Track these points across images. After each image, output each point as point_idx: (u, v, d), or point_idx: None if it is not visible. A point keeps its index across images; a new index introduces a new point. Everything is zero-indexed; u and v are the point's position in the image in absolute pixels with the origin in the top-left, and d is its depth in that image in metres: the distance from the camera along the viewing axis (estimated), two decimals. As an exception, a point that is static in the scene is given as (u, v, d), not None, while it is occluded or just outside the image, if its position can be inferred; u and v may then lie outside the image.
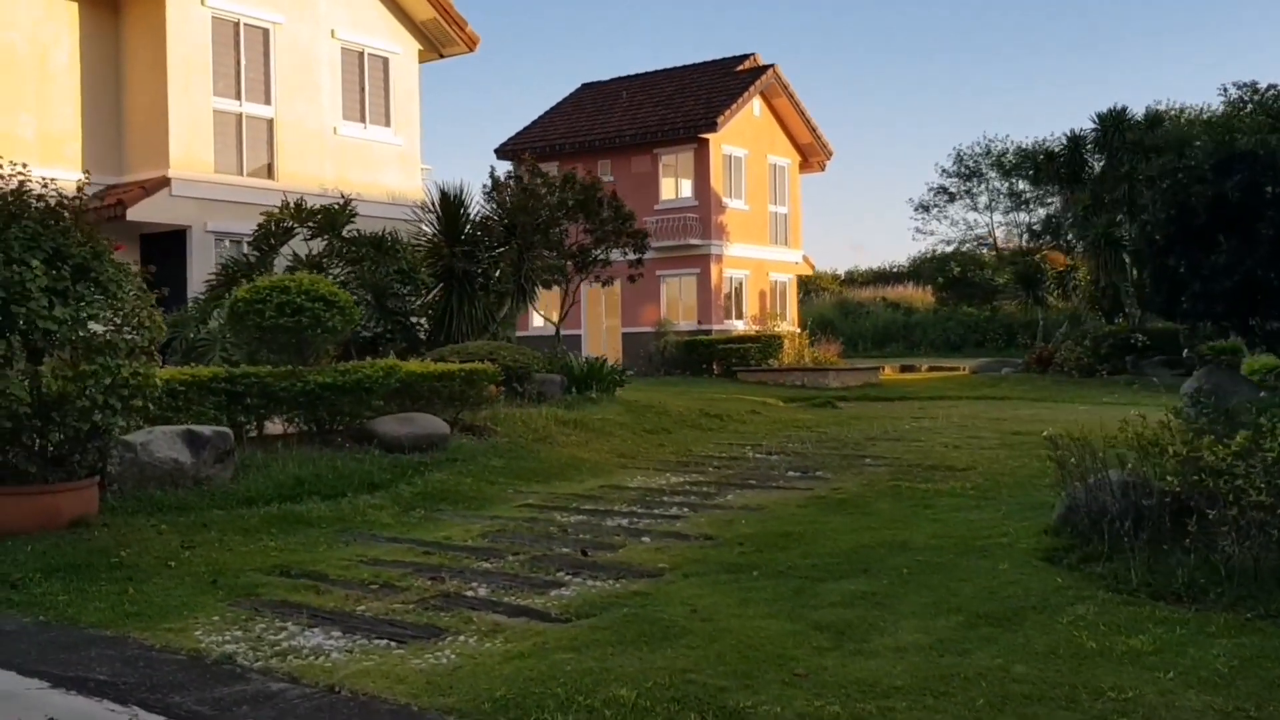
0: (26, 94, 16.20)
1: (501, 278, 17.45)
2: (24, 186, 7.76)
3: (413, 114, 20.28)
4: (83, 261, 7.55)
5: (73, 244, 7.56)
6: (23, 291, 7.15)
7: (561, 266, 18.73)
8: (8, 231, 7.37)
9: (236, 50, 17.56)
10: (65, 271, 7.41)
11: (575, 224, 19.20)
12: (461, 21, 20.17)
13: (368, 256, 16.10)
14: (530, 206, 17.48)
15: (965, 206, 60.26)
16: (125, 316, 7.67)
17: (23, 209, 7.59)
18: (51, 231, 7.50)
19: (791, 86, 34.04)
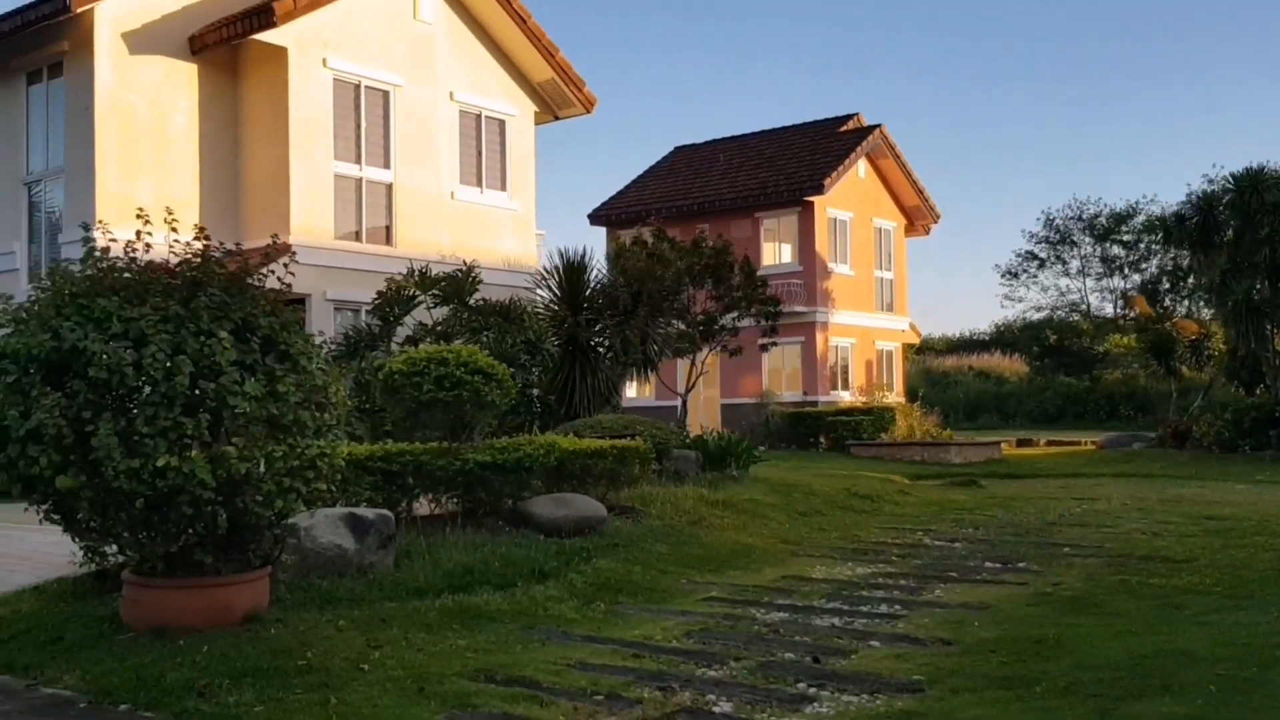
0: (145, 158, 16.12)
1: (626, 348, 16.94)
2: (208, 252, 7.35)
3: (528, 178, 20.00)
4: (271, 333, 7.08)
5: (260, 314, 7.10)
6: (212, 365, 6.70)
7: (692, 336, 18.20)
8: (195, 300, 6.93)
9: (357, 113, 17.41)
10: (255, 344, 6.94)
11: (701, 290, 18.70)
12: (579, 82, 19.94)
13: (495, 326, 15.69)
14: (657, 273, 17.00)
15: (1057, 272, 59.13)
16: (311, 392, 7.18)
17: (209, 276, 7.17)
18: (239, 300, 7.06)
19: (898, 147, 33.55)
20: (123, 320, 6.68)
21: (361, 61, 17.37)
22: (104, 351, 6.50)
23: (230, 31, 16.16)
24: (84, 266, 7.30)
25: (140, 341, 6.58)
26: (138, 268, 7.27)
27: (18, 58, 16.60)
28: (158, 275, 7.16)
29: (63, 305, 6.93)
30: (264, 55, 16.60)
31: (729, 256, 18.59)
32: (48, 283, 7.29)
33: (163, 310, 6.81)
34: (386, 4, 17.73)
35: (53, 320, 6.87)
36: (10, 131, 16.91)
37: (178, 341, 6.60)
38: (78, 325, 6.65)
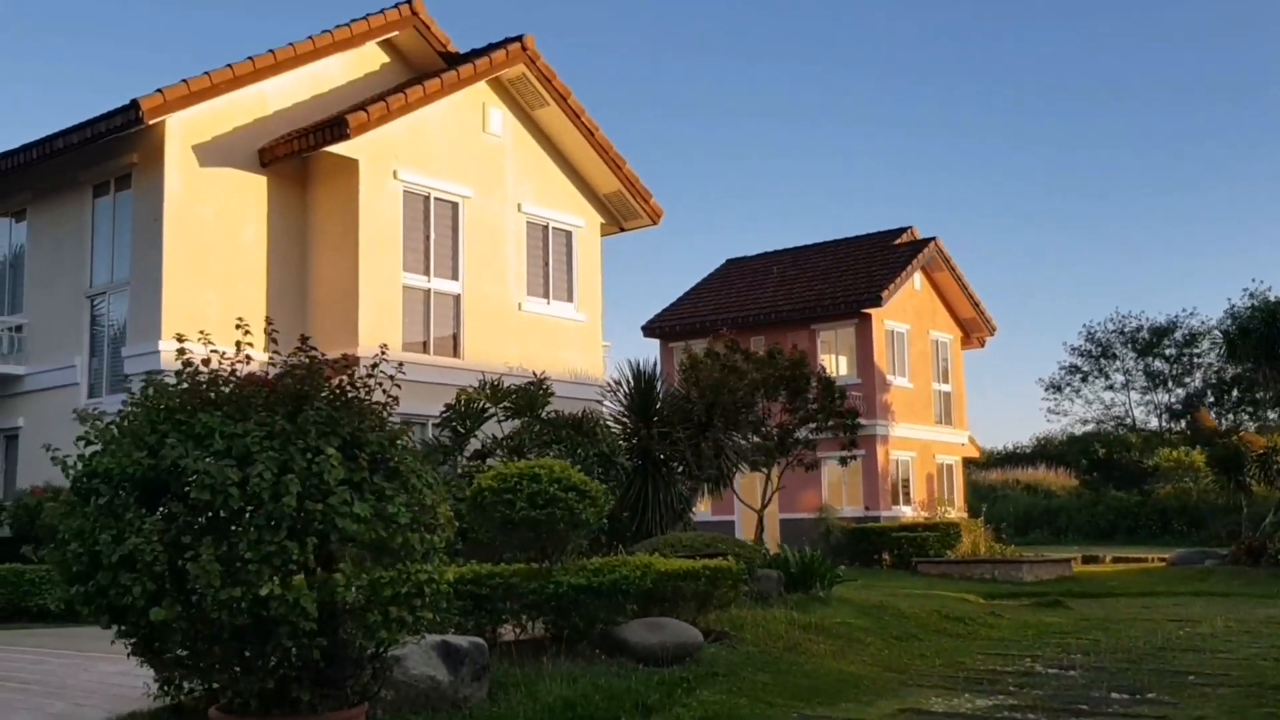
0: (212, 270, 15.89)
1: (701, 462, 16.34)
2: (315, 363, 6.89)
3: (595, 290, 19.68)
4: (379, 449, 6.57)
5: (369, 428, 6.60)
6: (320, 485, 6.17)
7: (770, 449, 17.60)
8: (301, 415, 6.44)
9: (426, 224, 17.20)
10: (363, 461, 6.43)
11: (774, 402, 18.15)
12: (646, 194, 19.72)
13: (567, 439, 15.16)
14: (732, 384, 16.50)
15: (1100, 386, 58.32)
16: (420, 512, 6.63)
17: (315, 388, 6.70)
18: (347, 415, 6.56)
19: (953, 260, 33.19)
20: (225, 437, 6.21)
21: (431, 173, 17.21)
22: (207, 470, 6.01)
23: (302, 144, 16.06)
24: (180, 379, 6.88)
25: (245, 459, 6.09)
26: (237, 380, 6.84)
27: (85, 170, 16.55)
28: (257, 388, 6.72)
29: (159, 421, 6.48)
30: (334, 167, 16.48)
31: (805, 368, 18.09)
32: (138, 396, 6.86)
33: (268, 425, 6.33)
34: (456, 117, 17.65)
35: (148, 437, 6.42)
36: (75, 244, 16.78)
37: (284, 459, 6.11)
38: (178, 442, 6.19)
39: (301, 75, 16.96)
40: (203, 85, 15.35)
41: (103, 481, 6.33)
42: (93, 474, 6.46)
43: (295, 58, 16.44)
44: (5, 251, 18.16)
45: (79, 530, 6.31)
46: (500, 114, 18.31)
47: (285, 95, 16.87)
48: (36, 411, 16.90)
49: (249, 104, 16.40)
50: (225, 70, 15.61)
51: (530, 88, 18.28)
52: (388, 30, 17.64)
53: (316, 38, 16.67)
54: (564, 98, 18.38)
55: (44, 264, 17.27)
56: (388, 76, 18.24)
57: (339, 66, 17.53)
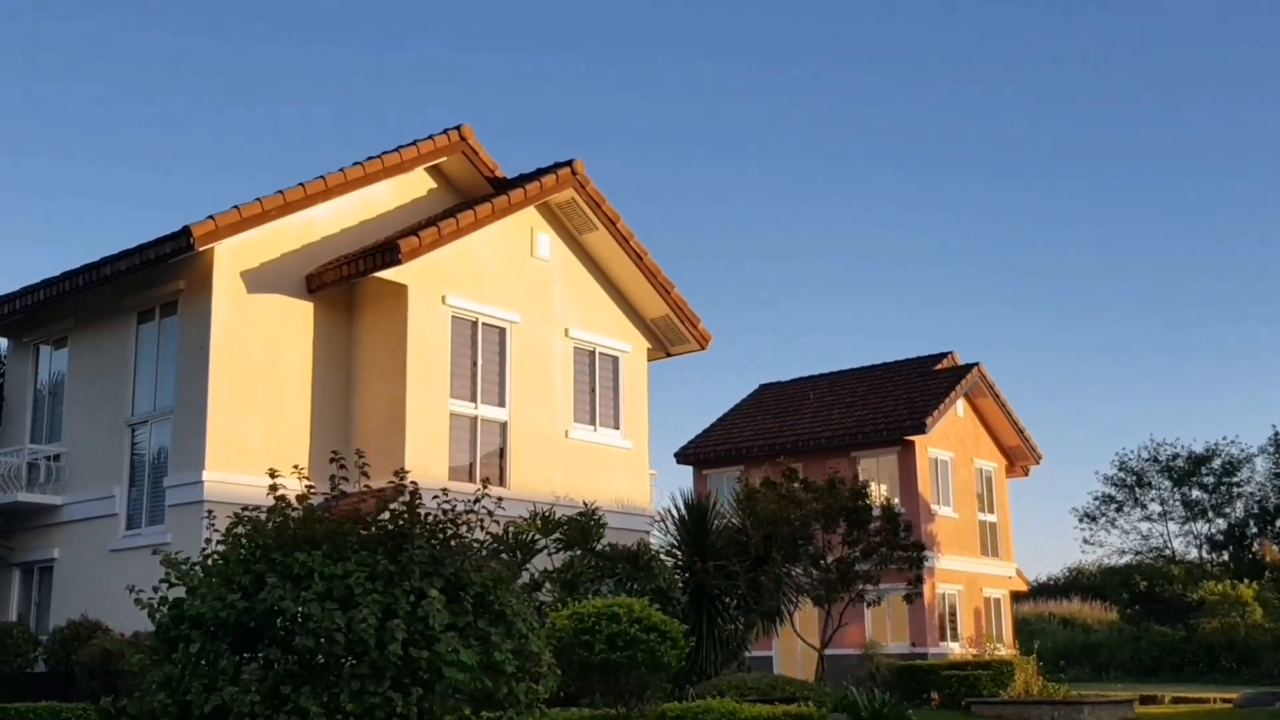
0: (257, 397, 15.78)
1: (759, 596, 15.92)
2: (415, 499, 6.68)
3: (642, 416, 19.51)
4: (483, 590, 6.31)
5: (471, 568, 6.36)
6: (425, 631, 5.88)
7: (833, 583, 17.16)
8: (404, 554, 6.20)
9: (473, 350, 17.14)
10: (467, 603, 6.16)
11: (833, 534, 17.78)
12: (694, 319, 19.68)
13: (623, 574, 14.81)
14: (791, 515, 16.17)
15: (1137, 516, 57.42)
16: (525, 660, 6.33)
17: (414, 525, 6.48)
18: (449, 553, 6.32)
19: (997, 386, 32.98)
20: (326, 578, 5.97)
21: (479, 298, 17.22)
22: (310, 614, 5.74)
23: (351, 269, 16.10)
24: (270, 515, 6.67)
25: (347, 602, 5.84)
26: (331, 516, 6.63)
27: (130, 296, 16.60)
28: (352, 524, 6.51)
29: (253, 560, 6.26)
30: (382, 292, 16.49)
31: (867, 498, 17.77)
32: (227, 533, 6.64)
33: (369, 566, 6.09)
34: (504, 241, 17.74)
35: (241, 578, 6.18)
36: (117, 372, 16.74)
37: (388, 602, 5.85)
38: (278, 583, 5.93)
39: (350, 201, 17.11)
40: (254, 211, 15.47)
41: (192, 627, 6.08)
42: (181, 619, 6.21)
43: (346, 183, 16.60)
44: (45, 379, 18.13)
45: (167, 679, 6.04)
46: (548, 238, 18.40)
47: (333, 221, 17.00)
48: (72, 543, 16.64)
49: (297, 229, 16.51)
50: (276, 196, 15.75)
51: (579, 212, 18.41)
52: (437, 156, 17.84)
53: (367, 163, 16.84)
54: (613, 222, 18.49)
55: (84, 392, 17.21)
56: (434, 202, 18.41)
57: (387, 192, 17.70)
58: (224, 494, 15.09)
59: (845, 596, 18.28)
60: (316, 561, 6.14)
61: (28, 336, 18.31)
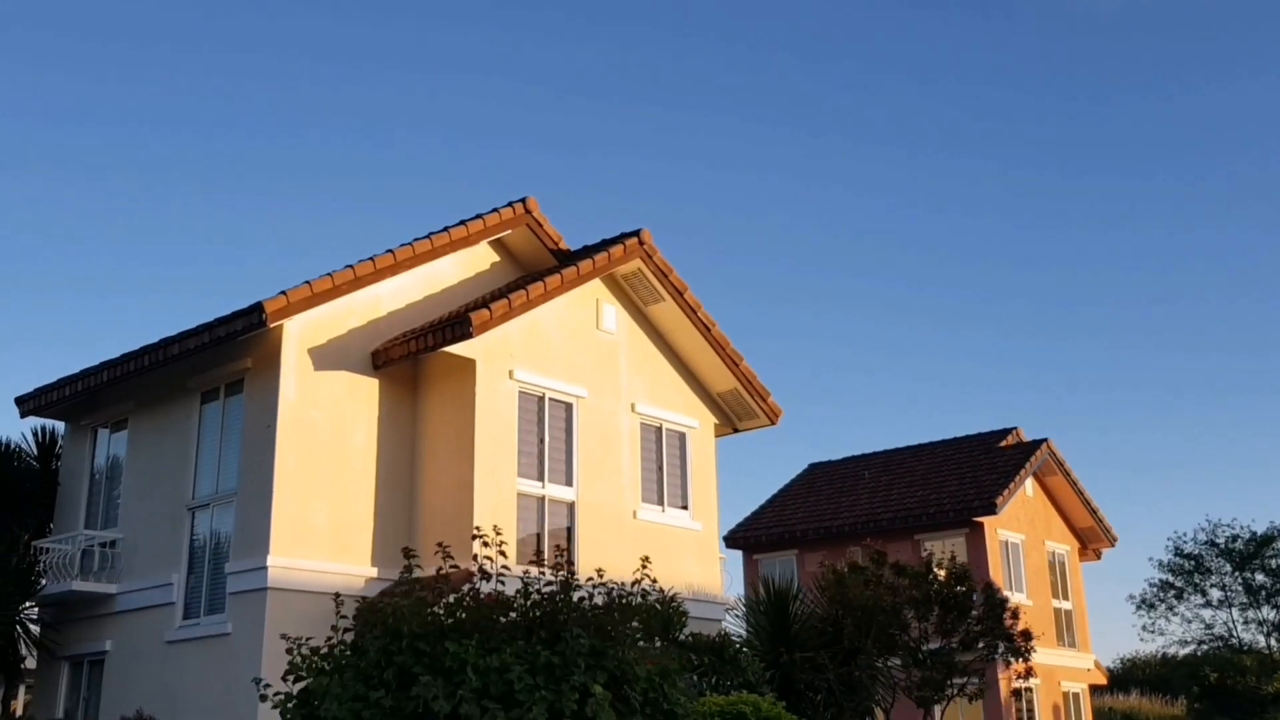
0: (322, 478, 15.92)
1: (857, 691, 15.76)
2: (570, 580, 6.70)
3: (710, 496, 19.53)
4: (649, 686, 6.25)
5: (634, 660, 6.30)
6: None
7: (938, 679, 16.97)
8: (563, 644, 6.16)
9: (540, 426, 17.27)
10: (635, 701, 6.09)
11: (925, 621, 17.62)
12: (764, 392, 19.80)
13: (706, 666, 14.72)
14: (885, 602, 16.08)
15: (1197, 603, 56.38)
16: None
17: (571, 609, 6.46)
18: (611, 643, 6.28)
19: (1067, 463, 32.83)
20: (480, 672, 5.91)
21: (546, 372, 17.40)
22: (469, 716, 5.67)
23: (419, 345, 16.32)
24: (407, 601, 6.67)
25: (507, 700, 5.78)
26: (475, 601, 6.63)
27: (194, 376, 16.85)
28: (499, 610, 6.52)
29: (396, 651, 6.22)
30: (448, 368, 16.69)
31: (969, 581, 17.65)
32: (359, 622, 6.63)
33: (528, 658, 6.04)
34: (570, 314, 17.97)
35: (383, 672, 6.14)
36: (178, 454, 16.92)
37: (552, 701, 5.78)
38: (430, 679, 5.84)
39: (415, 276, 17.40)
40: (325, 286, 15.77)
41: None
42: (314, 718, 6.18)
43: (414, 257, 16.90)
44: (102, 463, 18.36)
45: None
46: (614, 310, 18.63)
47: (398, 295, 17.28)
48: (126, 634, 16.70)
49: (363, 305, 16.78)
50: (346, 271, 16.05)
51: (645, 283, 18.65)
52: (501, 229, 18.17)
53: (435, 236, 17.17)
54: (680, 292, 18.72)
55: (143, 475, 17.40)
56: (497, 275, 18.70)
57: (450, 267, 18.01)
58: (288, 580, 15.20)
59: (950, 693, 18.01)
60: (470, 653, 6.06)
61: (85, 420, 18.57)
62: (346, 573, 15.82)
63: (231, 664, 14.97)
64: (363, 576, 15.98)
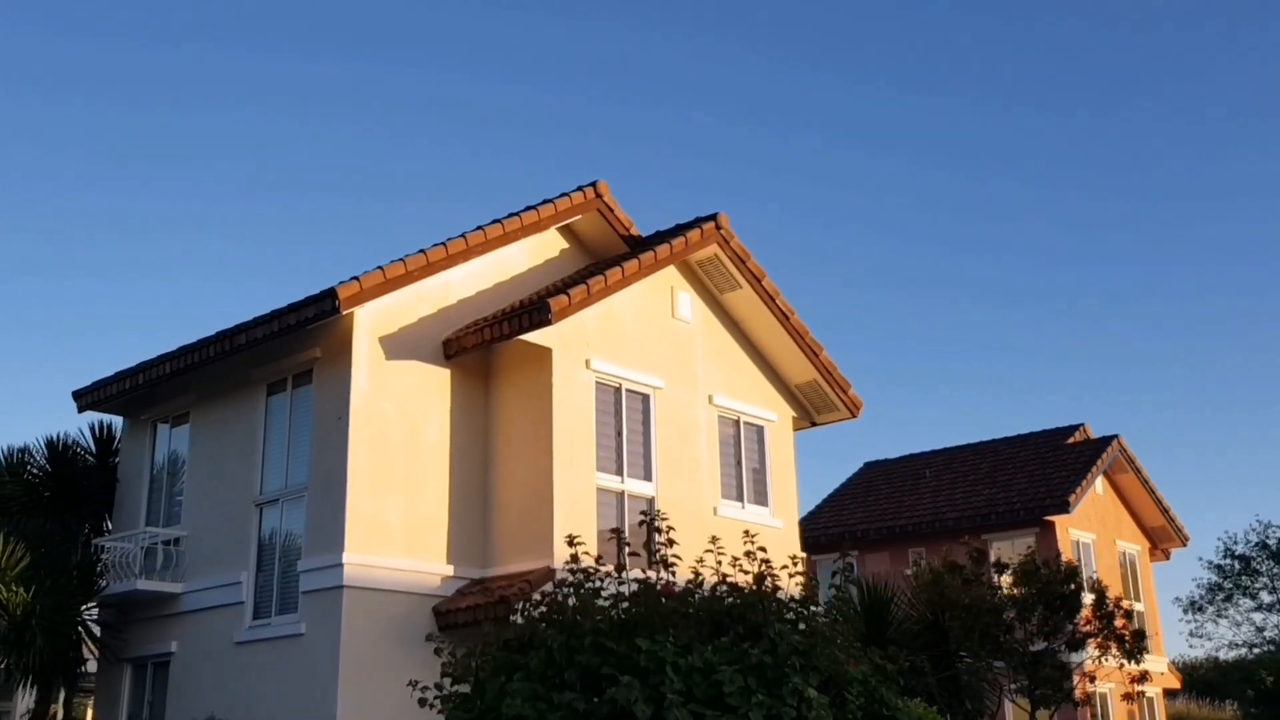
0: (396, 473, 15.64)
1: (962, 695, 15.38)
2: (766, 573, 6.33)
3: (790, 492, 19.16)
4: (866, 689, 5.84)
5: (848, 661, 5.90)
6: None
7: (1055, 680, 16.59)
8: (764, 642, 5.75)
9: (617, 419, 16.94)
10: (853, 707, 5.67)
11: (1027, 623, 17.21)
12: (844, 384, 19.41)
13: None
14: (989, 601, 15.69)
15: (1249, 605, 55.50)
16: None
17: (777, 608, 6.07)
18: (819, 642, 5.87)
19: (1138, 460, 32.28)
20: (681, 672, 5.50)
21: (622, 362, 17.06)
22: (680, 716, 5.27)
23: (494, 332, 16.01)
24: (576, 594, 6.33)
25: (717, 704, 5.37)
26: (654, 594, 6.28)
27: (260, 367, 16.61)
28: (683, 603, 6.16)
29: (579, 648, 5.83)
30: (522, 357, 16.37)
31: (1077, 580, 17.24)
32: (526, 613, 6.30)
33: (735, 656, 5.62)
34: (645, 302, 17.63)
35: (563, 673, 5.75)
36: (244, 449, 16.67)
37: (770, 706, 5.36)
38: (630, 682, 5.45)
39: (484, 263, 17.11)
40: (397, 272, 15.49)
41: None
42: None
43: (486, 242, 16.61)
44: (162, 458, 18.14)
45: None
46: (689, 297, 18.29)
47: (468, 283, 17.00)
48: (192, 635, 16.46)
49: (434, 293, 16.50)
50: (419, 256, 15.78)
51: (721, 269, 18.31)
52: (572, 214, 17.87)
53: (505, 221, 16.87)
54: (758, 279, 18.35)
55: (207, 471, 17.16)
56: (567, 262, 18.40)
57: (520, 253, 17.72)
58: (364, 579, 14.93)
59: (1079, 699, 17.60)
60: (668, 651, 5.65)
61: (145, 414, 18.35)
62: (422, 571, 15.54)
63: (307, 665, 14.72)
64: (438, 575, 15.69)
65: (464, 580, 15.96)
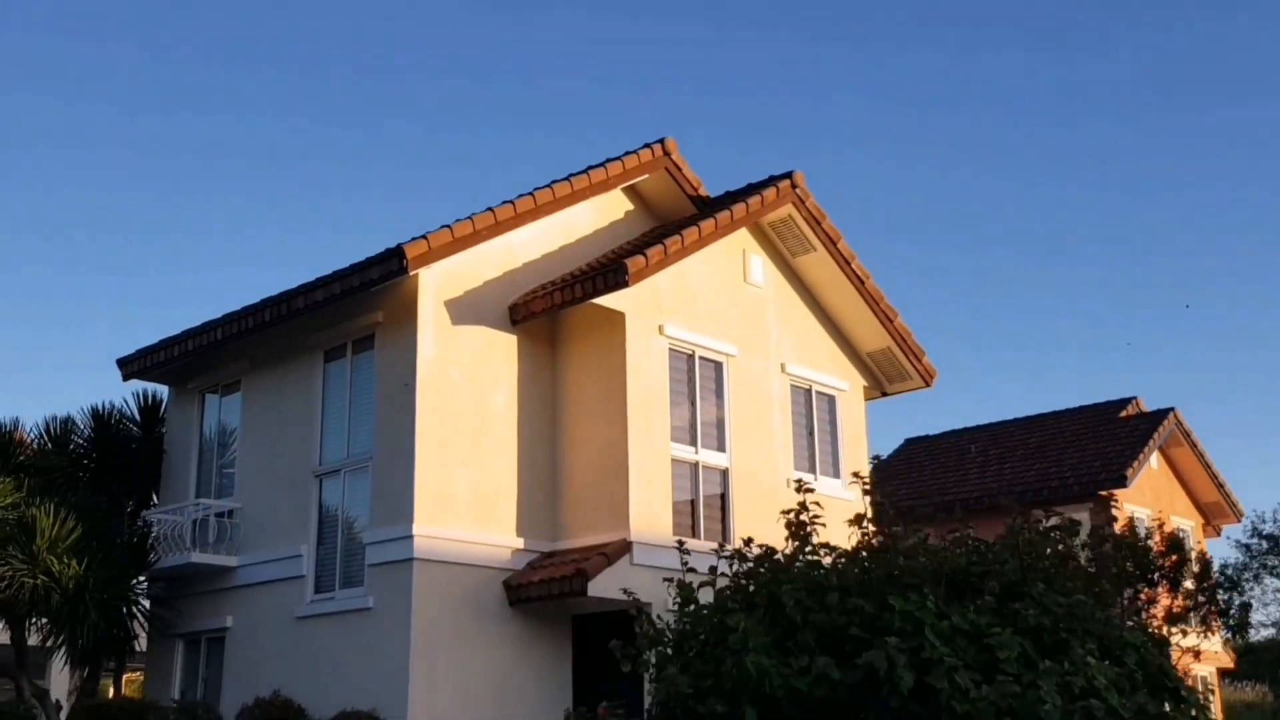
0: (464, 443, 15.02)
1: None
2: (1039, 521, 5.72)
3: (862, 464, 18.47)
4: (1145, 657, 5.17)
5: (1116, 623, 5.25)
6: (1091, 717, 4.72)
7: None
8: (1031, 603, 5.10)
9: (690, 387, 16.29)
10: (1136, 675, 4.99)
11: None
12: (919, 351, 18.75)
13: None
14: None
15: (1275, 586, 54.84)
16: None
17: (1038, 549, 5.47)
18: (1084, 605, 5.24)
19: (1194, 434, 31.63)
20: (943, 636, 4.89)
21: (695, 328, 16.41)
22: (957, 688, 4.65)
23: (565, 296, 15.35)
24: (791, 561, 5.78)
25: (989, 669, 4.77)
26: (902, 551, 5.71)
27: (317, 333, 15.98)
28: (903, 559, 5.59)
29: (813, 608, 5.24)
30: (592, 323, 15.73)
31: (1183, 549, 16.61)
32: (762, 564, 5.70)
33: (1003, 617, 4.99)
34: (717, 265, 16.95)
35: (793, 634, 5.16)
36: (301, 418, 16.05)
37: (1063, 673, 4.71)
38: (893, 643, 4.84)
39: (550, 224, 16.45)
40: (465, 231, 14.85)
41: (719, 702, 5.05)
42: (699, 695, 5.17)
43: (554, 201, 15.96)
44: (211, 428, 17.54)
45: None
46: (760, 261, 17.63)
47: (532, 245, 16.35)
48: (249, 610, 15.89)
49: (498, 255, 15.86)
50: (487, 215, 15.13)
51: (795, 231, 17.63)
52: (639, 173, 17.19)
53: (574, 179, 16.21)
54: (834, 241, 17.68)
55: (261, 442, 16.55)
56: (632, 224, 17.74)
57: (585, 214, 17.06)
58: (433, 551, 14.36)
59: None
60: (927, 612, 5.04)
61: (192, 383, 17.74)
62: (491, 543, 14.96)
63: (375, 640, 14.16)
64: (508, 548, 15.10)
65: (533, 553, 15.37)
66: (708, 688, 5.11)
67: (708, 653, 5.55)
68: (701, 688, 5.14)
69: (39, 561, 14.72)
